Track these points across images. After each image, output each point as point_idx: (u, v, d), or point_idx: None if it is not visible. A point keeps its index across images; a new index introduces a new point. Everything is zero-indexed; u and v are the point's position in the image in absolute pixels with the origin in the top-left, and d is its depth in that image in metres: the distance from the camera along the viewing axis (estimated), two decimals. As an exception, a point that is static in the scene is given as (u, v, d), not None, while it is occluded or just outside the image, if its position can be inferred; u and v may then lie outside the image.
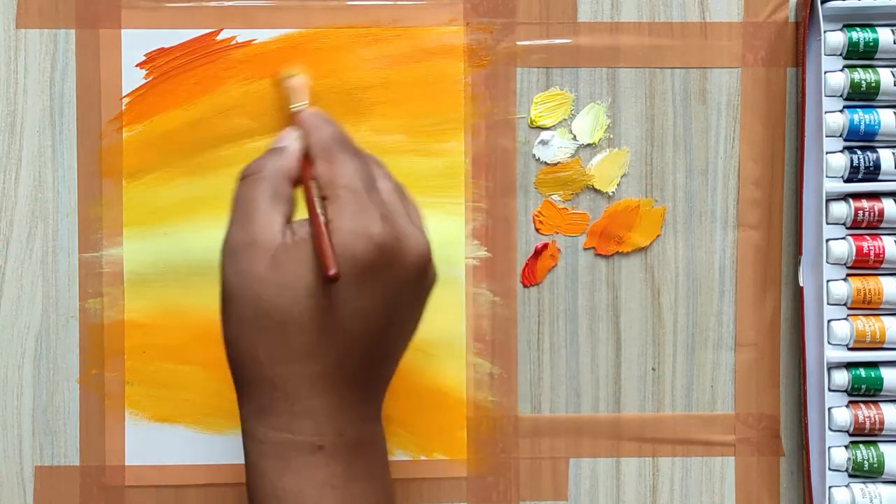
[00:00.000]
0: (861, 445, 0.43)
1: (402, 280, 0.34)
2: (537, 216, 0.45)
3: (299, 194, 0.35)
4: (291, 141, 0.36)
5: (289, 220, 0.34)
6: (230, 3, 0.44)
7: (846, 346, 0.44)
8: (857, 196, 0.44)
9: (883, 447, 0.43)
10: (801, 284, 0.44)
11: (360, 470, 0.34)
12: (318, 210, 0.33)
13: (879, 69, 0.43)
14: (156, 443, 0.45)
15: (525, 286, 0.45)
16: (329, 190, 0.34)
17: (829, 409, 0.43)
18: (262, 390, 0.33)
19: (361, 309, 0.33)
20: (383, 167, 0.37)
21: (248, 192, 0.34)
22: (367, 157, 0.36)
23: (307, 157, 0.36)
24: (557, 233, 0.45)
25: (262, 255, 0.33)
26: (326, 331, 0.33)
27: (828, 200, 0.43)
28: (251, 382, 0.34)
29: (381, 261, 0.33)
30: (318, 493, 0.33)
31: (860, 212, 0.43)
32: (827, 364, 0.43)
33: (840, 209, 0.43)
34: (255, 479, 0.34)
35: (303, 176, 0.35)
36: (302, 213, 0.35)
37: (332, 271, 0.31)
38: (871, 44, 0.43)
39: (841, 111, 0.44)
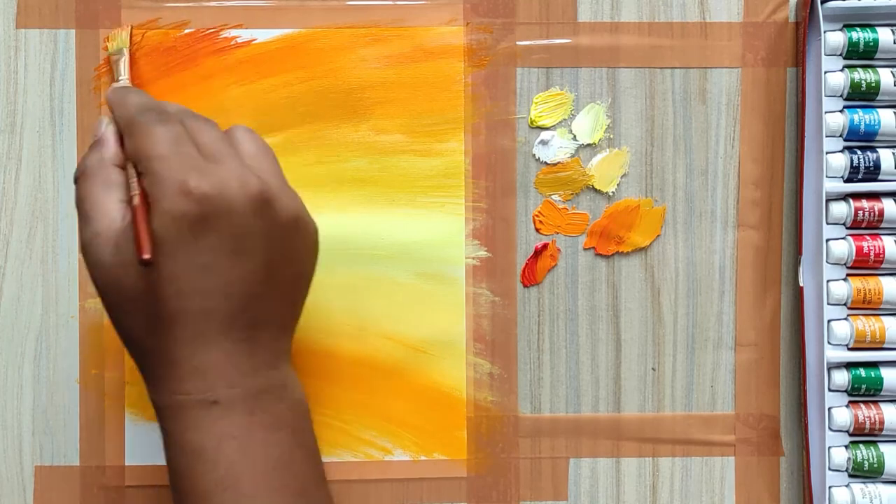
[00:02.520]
0: (861, 445, 0.43)
1: (239, 224, 0.34)
2: (537, 216, 0.45)
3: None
4: (104, 127, 0.37)
5: (127, 203, 0.35)
6: (230, 3, 0.44)
7: (846, 346, 0.44)
8: (857, 196, 0.44)
9: (883, 447, 0.43)
10: (801, 284, 0.44)
11: (263, 418, 0.35)
12: (135, 190, 0.34)
13: (879, 69, 0.43)
14: (156, 443, 0.44)
15: (525, 286, 0.45)
16: (142, 163, 0.34)
17: (829, 409, 0.43)
18: (150, 361, 0.35)
19: (206, 263, 0.33)
20: (203, 121, 0.36)
21: (81, 191, 0.35)
22: (181, 115, 0.36)
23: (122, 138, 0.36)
24: (557, 233, 0.45)
25: (106, 243, 0.34)
26: (179, 294, 0.33)
27: (828, 200, 0.43)
28: (139, 357, 0.35)
29: (207, 212, 0.33)
30: (218, 445, 0.34)
31: (860, 212, 0.43)
32: (827, 364, 0.43)
33: (840, 209, 0.43)
34: (165, 441, 0.35)
35: (124, 158, 0.36)
36: None
37: (144, 255, 0.32)
38: (871, 44, 0.43)
39: (841, 111, 0.43)
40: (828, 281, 0.44)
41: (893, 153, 0.43)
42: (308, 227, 0.37)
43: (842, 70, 0.43)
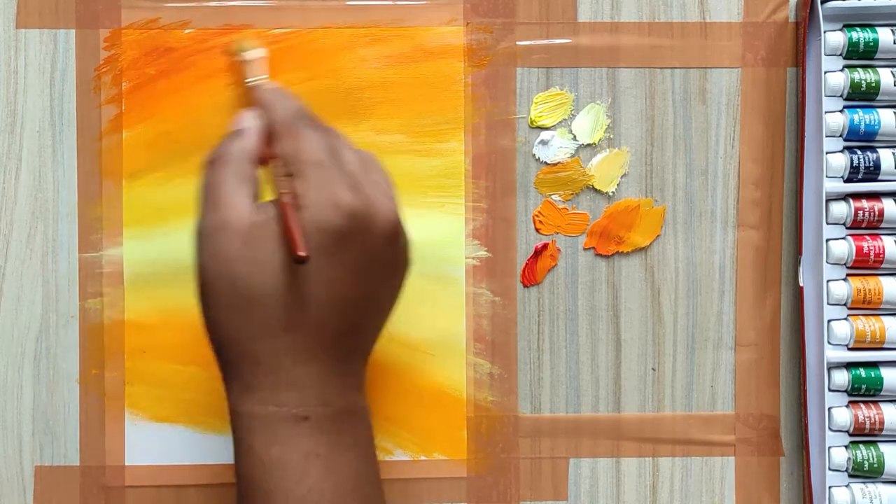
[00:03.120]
0: (861, 445, 0.43)
1: (372, 247, 0.34)
2: (537, 216, 0.45)
3: (267, 173, 0.36)
4: (250, 121, 0.36)
5: (256, 199, 0.35)
6: (230, 3, 0.44)
7: (846, 346, 0.44)
8: (857, 196, 0.44)
9: (883, 447, 0.43)
10: (801, 284, 0.44)
11: (344, 440, 0.35)
12: (285, 189, 0.34)
13: (879, 69, 0.43)
14: (156, 443, 0.45)
15: (525, 286, 0.45)
16: (294, 166, 0.34)
17: (829, 409, 0.43)
18: (246, 367, 0.34)
19: (334, 279, 0.33)
20: (345, 139, 0.37)
21: (213, 177, 0.35)
22: (329, 129, 0.36)
23: (269, 136, 0.36)
24: (557, 233, 0.45)
25: (234, 236, 0.33)
26: (302, 303, 0.33)
27: (828, 200, 0.43)
28: (235, 361, 0.34)
29: (351, 229, 0.33)
30: (304, 462, 0.34)
31: (860, 212, 0.43)
32: (827, 364, 0.43)
33: (840, 209, 0.43)
34: (243, 453, 0.35)
35: (266, 155, 0.36)
36: (270, 194, 0.35)
37: (301, 252, 0.32)
38: (871, 44, 0.43)
39: (841, 111, 0.44)
40: (828, 281, 0.44)
41: (893, 153, 0.43)
42: (408, 264, 0.37)
43: (842, 70, 0.43)
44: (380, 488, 0.37)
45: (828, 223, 0.44)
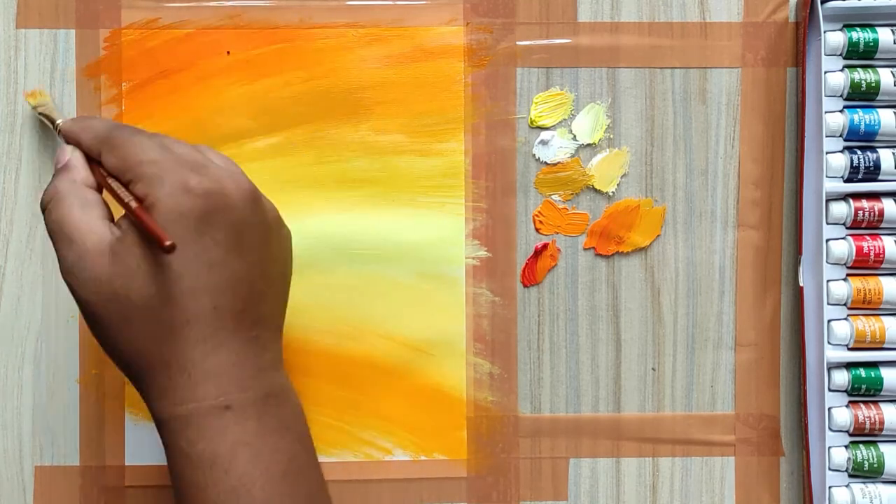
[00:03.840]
0: (861, 445, 0.43)
1: (238, 217, 0.34)
2: (537, 216, 0.45)
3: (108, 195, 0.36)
4: (69, 153, 0.37)
5: (108, 219, 0.35)
6: (230, 3, 0.44)
7: (846, 346, 0.44)
8: (857, 196, 0.44)
9: (883, 447, 0.43)
10: (801, 284, 0.44)
11: (270, 423, 0.35)
12: (127, 197, 0.34)
13: (879, 69, 0.43)
14: (156, 443, 0.44)
15: (525, 286, 0.45)
16: (130, 172, 0.34)
17: (829, 409, 0.43)
18: (157, 373, 0.34)
19: (212, 261, 0.33)
20: (171, 137, 0.36)
21: (56, 213, 0.35)
22: (152, 133, 0.36)
23: (93, 162, 0.36)
24: (557, 233, 0.45)
25: (98, 259, 0.34)
26: (189, 293, 0.33)
27: (828, 200, 0.43)
28: (144, 371, 0.34)
29: (209, 206, 0.33)
30: (231, 453, 0.33)
31: (860, 212, 0.43)
32: (827, 364, 0.43)
33: (840, 209, 0.43)
34: (172, 456, 0.35)
35: (98, 180, 0.36)
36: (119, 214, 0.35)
37: (167, 241, 0.32)
38: (871, 44, 0.43)
39: (841, 111, 0.43)
40: (828, 281, 0.44)
41: (893, 153, 0.43)
42: (286, 229, 0.38)
43: (842, 70, 0.43)
44: (316, 469, 0.36)
45: (828, 223, 0.44)
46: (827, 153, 0.43)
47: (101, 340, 0.35)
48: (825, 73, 0.43)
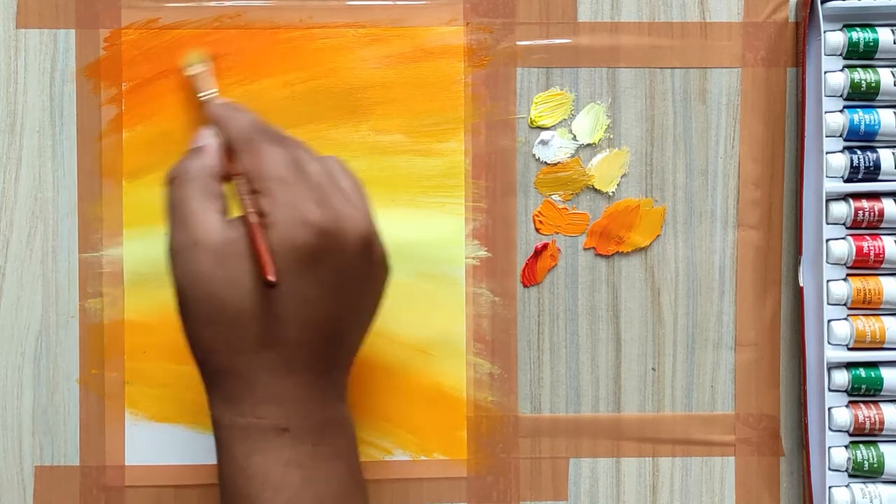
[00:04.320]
0: (861, 445, 0.43)
1: (345, 263, 0.34)
2: (537, 216, 0.45)
3: (232, 189, 0.36)
4: (208, 138, 0.36)
5: (224, 215, 0.35)
6: (230, 3, 0.44)
7: (846, 346, 0.44)
8: (857, 196, 0.44)
9: (883, 447, 0.43)
10: (801, 284, 0.44)
11: (325, 450, 0.35)
12: (250, 209, 0.34)
13: (879, 69, 0.43)
14: (156, 443, 0.45)
15: (525, 286, 0.45)
16: (259, 183, 0.34)
17: (829, 409, 0.43)
18: (226, 380, 0.34)
19: (308, 297, 0.34)
20: (308, 149, 0.36)
21: (178, 195, 0.35)
22: (290, 140, 0.36)
23: (229, 152, 0.36)
24: (557, 233, 0.45)
25: (205, 254, 0.33)
26: (277, 322, 0.33)
27: (828, 200, 0.43)
28: (215, 374, 0.35)
29: (321, 247, 0.33)
30: (284, 472, 0.34)
31: (860, 212, 0.43)
32: (827, 364, 0.43)
33: (840, 209, 0.43)
34: (225, 461, 0.35)
35: (230, 171, 0.36)
36: (237, 210, 0.35)
37: (270, 277, 0.32)
38: (871, 44, 0.43)
39: (841, 111, 0.44)
40: (828, 281, 0.44)
41: (893, 153, 0.43)
42: (387, 270, 0.37)
43: (842, 70, 0.43)
44: (364, 498, 0.37)
45: (828, 223, 0.44)
46: (827, 153, 0.43)
47: (184, 328, 0.35)
48: (825, 73, 0.43)
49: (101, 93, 0.44)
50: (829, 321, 0.44)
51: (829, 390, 0.43)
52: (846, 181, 0.44)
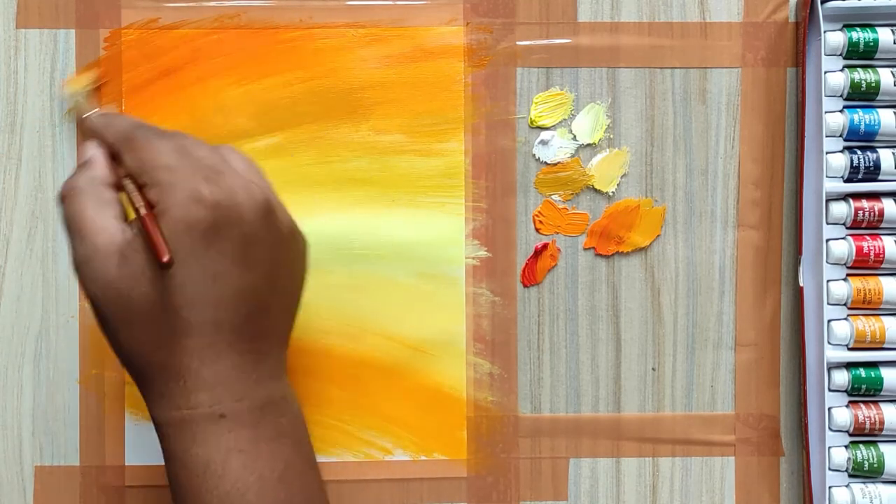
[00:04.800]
0: (861, 445, 0.43)
1: (248, 230, 0.34)
2: (537, 216, 0.45)
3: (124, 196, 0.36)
4: (93, 150, 0.37)
5: (120, 220, 0.35)
6: (229, 3, 0.44)
7: (846, 346, 0.44)
8: (857, 196, 0.44)
9: (883, 447, 0.43)
10: (801, 284, 0.44)
11: (266, 432, 0.35)
12: (139, 202, 0.34)
13: (879, 69, 0.43)
14: (156, 443, 0.44)
15: (525, 286, 0.45)
16: (145, 176, 0.34)
17: (829, 409, 0.43)
18: (154, 376, 0.34)
19: (217, 273, 0.33)
20: (196, 139, 0.36)
21: (72, 209, 0.35)
22: (176, 133, 0.36)
23: (115, 160, 0.36)
24: (557, 233, 0.45)
25: (107, 259, 0.34)
26: (190, 304, 0.33)
27: (828, 200, 0.43)
28: (142, 373, 0.35)
29: (218, 220, 0.33)
30: (224, 459, 0.34)
31: (860, 212, 0.43)
32: (827, 364, 0.43)
33: (840, 209, 0.43)
34: (168, 459, 0.35)
35: (118, 178, 0.36)
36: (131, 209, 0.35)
37: (165, 257, 0.32)
38: (871, 44, 0.43)
39: (841, 111, 0.44)
40: (828, 281, 0.44)
41: (893, 153, 0.43)
42: (302, 239, 0.37)
43: (842, 70, 0.43)
44: (314, 477, 0.36)
45: (828, 223, 0.44)
46: (827, 153, 0.43)
47: (105, 336, 0.35)
48: (825, 73, 0.43)
49: (101, 93, 0.44)
50: (829, 321, 0.44)
51: (829, 390, 0.43)
52: (846, 181, 0.44)
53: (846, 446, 0.43)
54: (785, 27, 0.45)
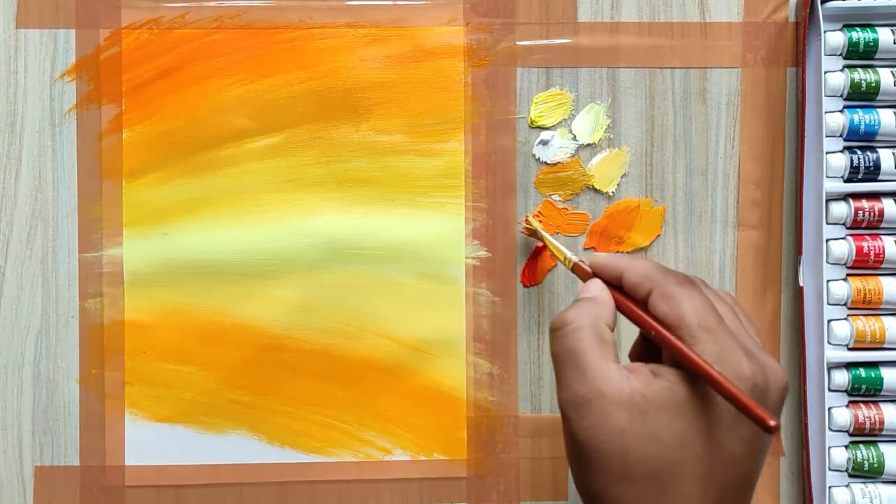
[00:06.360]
0: (861, 445, 0.43)
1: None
2: (537, 216, 0.45)
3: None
4: (599, 290, 0.35)
5: (618, 363, 0.33)
6: (229, 3, 0.44)
7: (846, 346, 0.44)
8: (857, 196, 0.44)
9: (883, 447, 0.43)
10: (801, 284, 0.44)
11: None
12: (701, 358, 0.32)
13: (879, 69, 0.43)
14: (156, 443, 0.45)
15: (525, 286, 0.45)
16: (684, 332, 0.32)
17: (829, 409, 0.43)
18: None
19: (734, 453, 0.32)
20: (702, 282, 0.35)
21: (570, 343, 0.33)
22: (692, 279, 0.35)
23: (626, 301, 0.35)
24: (557, 233, 0.45)
25: (615, 407, 0.32)
26: (701, 478, 0.32)
27: (828, 200, 0.43)
28: None
29: (757, 399, 0.32)
30: None
31: (860, 212, 0.43)
32: (827, 364, 0.43)
33: (840, 209, 0.43)
34: None
35: (640, 321, 0.34)
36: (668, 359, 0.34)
37: (772, 422, 0.30)
38: (871, 44, 0.43)
39: (841, 111, 0.44)
40: (828, 281, 0.44)
41: (893, 153, 0.43)
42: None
43: (842, 70, 0.43)
44: None
45: (828, 223, 0.44)
46: (827, 153, 0.43)
47: (584, 483, 0.33)
48: (825, 73, 0.43)
49: (100, 92, 0.44)
50: (829, 321, 0.44)
51: (829, 390, 0.43)
52: (846, 181, 0.44)
53: (846, 446, 0.43)
54: (785, 27, 0.45)
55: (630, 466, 0.32)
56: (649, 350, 0.35)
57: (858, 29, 0.43)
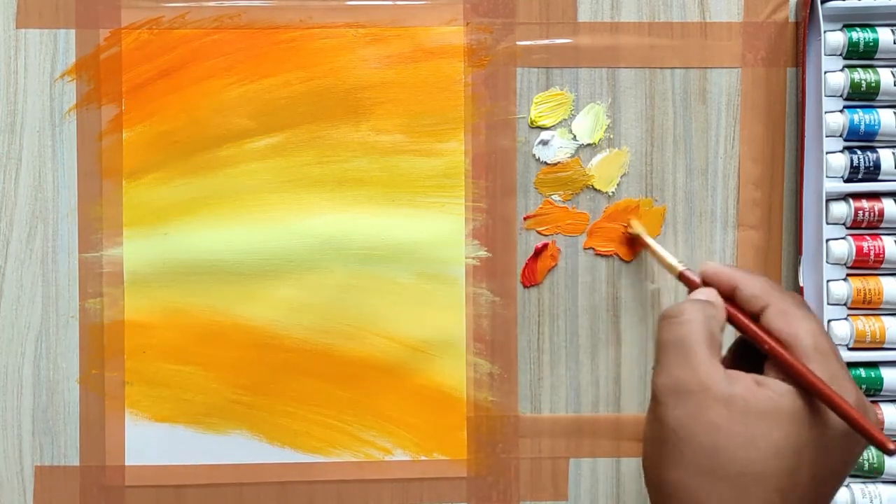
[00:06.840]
0: (861, 445, 0.43)
1: (861, 450, 0.34)
2: (541, 214, 0.45)
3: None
4: (714, 296, 0.36)
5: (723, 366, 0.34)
6: (229, 3, 0.44)
7: (846, 346, 0.44)
8: (857, 196, 0.44)
9: (883, 447, 0.43)
10: (801, 284, 0.44)
11: None
12: (816, 377, 0.32)
13: (879, 69, 0.43)
14: (156, 443, 0.45)
15: (525, 286, 0.45)
16: (794, 350, 0.33)
17: (829, 409, 0.43)
18: None
19: (820, 475, 0.32)
20: (807, 305, 0.36)
21: (682, 333, 0.34)
22: (800, 298, 0.35)
23: (738, 312, 0.35)
24: (557, 233, 0.45)
25: (716, 403, 0.32)
26: (785, 492, 0.32)
27: (828, 200, 0.43)
28: None
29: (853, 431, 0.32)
30: None
31: (860, 212, 0.43)
32: (827, 364, 0.43)
33: (840, 209, 0.43)
34: None
35: (752, 334, 0.35)
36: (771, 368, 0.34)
37: (892, 446, 0.31)
38: (871, 44, 0.43)
39: (841, 111, 0.44)
40: (828, 281, 0.44)
41: (893, 153, 0.43)
42: None
43: (842, 70, 0.43)
44: None
45: (828, 223, 0.44)
46: (827, 153, 0.43)
47: (659, 469, 0.34)
48: (825, 73, 0.43)
49: (100, 91, 0.44)
50: (829, 321, 0.44)
51: (829, 390, 0.43)
52: (846, 181, 0.44)
53: (846, 446, 0.43)
54: (785, 27, 0.45)
55: (718, 464, 0.32)
56: (742, 363, 0.35)
57: (858, 29, 0.43)
